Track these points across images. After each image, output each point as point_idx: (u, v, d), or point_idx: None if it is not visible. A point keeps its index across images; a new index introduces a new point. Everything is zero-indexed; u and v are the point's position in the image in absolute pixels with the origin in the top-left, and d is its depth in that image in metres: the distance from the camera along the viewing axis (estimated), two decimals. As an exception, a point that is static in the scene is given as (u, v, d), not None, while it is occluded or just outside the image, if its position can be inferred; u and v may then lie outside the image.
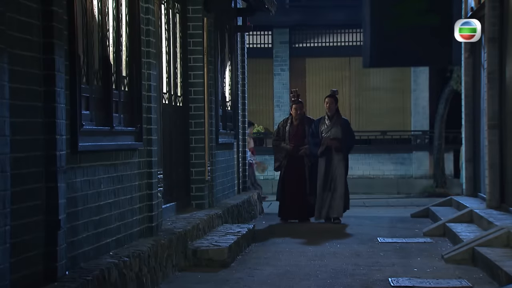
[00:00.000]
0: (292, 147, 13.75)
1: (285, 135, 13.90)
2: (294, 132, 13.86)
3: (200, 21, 11.66)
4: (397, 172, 23.37)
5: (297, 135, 13.83)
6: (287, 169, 13.82)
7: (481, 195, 13.85)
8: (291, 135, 13.86)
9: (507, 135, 12.02)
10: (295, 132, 13.86)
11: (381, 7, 15.21)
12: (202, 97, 11.70)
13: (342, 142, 13.43)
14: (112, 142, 7.49)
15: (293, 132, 13.87)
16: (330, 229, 12.78)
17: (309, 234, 12.24)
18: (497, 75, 12.37)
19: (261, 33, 24.39)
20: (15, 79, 5.45)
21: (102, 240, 7.19)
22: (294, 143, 13.77)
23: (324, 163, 13.38)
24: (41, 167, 5.90)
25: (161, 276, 8.09)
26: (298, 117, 13.93)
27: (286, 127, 13.95)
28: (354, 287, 8.07)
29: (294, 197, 13.68)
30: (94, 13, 7.22)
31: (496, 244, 9.23)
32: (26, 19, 5.70)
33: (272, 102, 24.43)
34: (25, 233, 5.63)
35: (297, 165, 13.73)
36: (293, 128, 13.90)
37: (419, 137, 23.68)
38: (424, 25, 15.03)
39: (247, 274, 8.75)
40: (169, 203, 10.44)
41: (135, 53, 8.28)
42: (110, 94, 7.52)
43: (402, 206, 18.17)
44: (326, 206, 13.39)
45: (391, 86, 24.31)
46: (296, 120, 13.92)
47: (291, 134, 13.86)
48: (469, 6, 14.86)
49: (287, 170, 13.82)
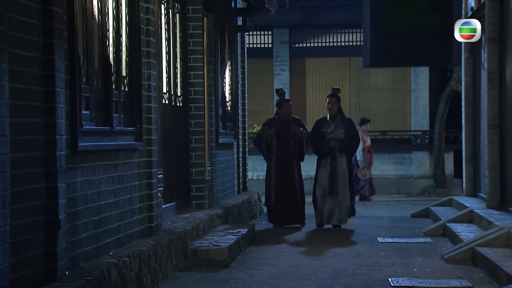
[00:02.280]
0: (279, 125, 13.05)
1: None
2: (282, 132, 13.06)
3: (200, 21, 11.66)
4: (397, 172, 23.36)
5: (285, 135, 13.04)
6: (276, 171, 13.08)
7: (481, 195, 13.85)
8: (278, 135, 13.06)
9: (507, 135, 12.02)
10: (283, 132, 13.06)
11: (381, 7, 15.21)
12: (202, 97, 11.70)
13: (346, 144, 12.73)
14: (112, 142, 7.49)
15: (281, 131, 13.07)
16: (330, 229, 12.77)
17: (309, 234, 12.24)
18: (497, 75, 12.37)
19: (261, 33, 24.39)
20: (15, 79, 5.45)
21: (102, 240, 7.19)
22: (282, 143, 13.05)
23: (328, 166, 12.70)
24: (41, 167, 5.90)
25: (161, 276, 8.08)
26: (286, 116, 13.16)
27: (272, 128, 13.12)
28: (354, 287, 8.07)
29: (285, 201, 13.01)
30: (94, 13, 7.22)
31: (496, 244, 9.23)
32: (26, 19, 5.69)
33: (272, 102, 24.39)
34: (25, 233, 5.63)
35: (287, 166, 13.05)
36: (281, 128, 13.10)
37: (419, 137, 23.68)
38: (424, 25, 15.03)
39: (247, 274, 8.75)
40: (169, 203, 10.44)
41: (135, 53, 8.28)
42: (110, 94, 7.52)
43: (402, 206, 18.16)
44: (330, 212, 12.67)
45: (391, 86, 24.31)
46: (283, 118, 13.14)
47: (278, 134, 13.06)
48: (469, 6, 14.87)
49: (276, 172, 13.08)
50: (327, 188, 12.69)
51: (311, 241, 11.51)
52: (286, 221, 13.12)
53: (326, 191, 12.71)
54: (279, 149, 13.13)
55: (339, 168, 12.68)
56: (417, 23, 15.02)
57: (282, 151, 13.12)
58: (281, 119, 13.22)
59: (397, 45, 15.18)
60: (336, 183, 12.66)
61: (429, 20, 15.02)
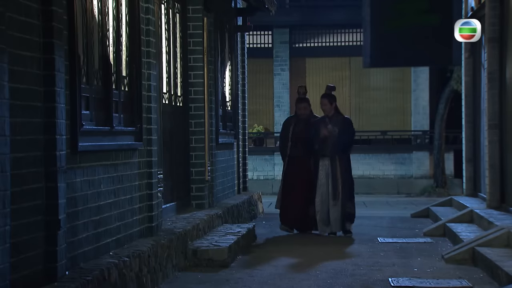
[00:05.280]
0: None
1: (288, 135, 12.43)
2: (300, 133, 12.36)
3: (200, 21, 11.66)
4: (397, 172, 23.36)
5: (302, 136, 12.30)
6: (290, 172, 12.36)
7: (481, 195, 13.85)
8: (295, 135, 12.39)
9: (507, 135, 12.02)
10: (300, 133, 12.34)
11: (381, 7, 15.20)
12: (202, 97, 11.70)
13: (340, 142, 11.98)
14: (112, 142, 7.49)
15: (298, 132, 12.37)
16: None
17: (309, 234, 12.22)
18: (497, 75, 12.37)
19: (261, 33, 24.38)
20: (15, 79, 5.45)
21: (102, 240, 7.19)
22: (300, 144, 12.32)
23: (327, 168, 12.00)
24: (41, 167, 5.90)
25: (161, 276, 8.08)
26: (305, 116, 12.45)
27: (290, 127, 12.48)
28: (354, 287, 8.07)
29: (297, 206, 12.21)
30: (94, 13, 7.22)
31: (496, 244, 9.23)
32: (26, 19, 5.69)
33: (272, 102, 24.41)
34: (25, 233, 5.63)
35: (300, 169, 12.30)
36: (298, 128, 12.42)
37: (419, 137, 23.68)
38: (424, 25, 15.02)
39: (247, 274, 8.75)
40: (169, 203, 10.44)
41: (135, 53, 8.28)
42: (110, 94, 7.52)
43: (402, 206, 18.16)
44: (331, 219, 11.91)
45: (391, 86, 24.30)
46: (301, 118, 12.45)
47: (295, 135, 12.39)
48: (469, 6, 14.87)
49: (290, 173, 12.36)
50: (332, 192, 11.94)
51: (311, 241, 11.50)
52: (296, 227, 12.38)
53: (324, 196, 12.00)
54: (293, 150, 12.38)
55: (338, 171, 11.97)
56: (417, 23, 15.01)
57: (296, 153, 12.36)
58: (300, 118, 12.50)
59: (397, 45, 15.17)
60: (336, 188, 11.96)
61: (429, 20, 15.01)
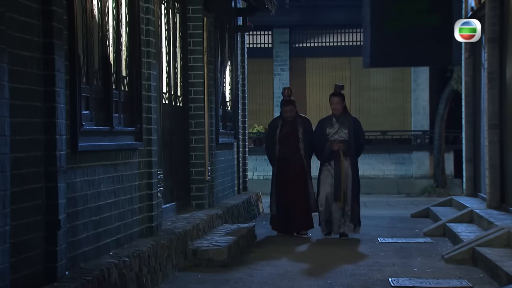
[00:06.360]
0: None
1: (275, 137, 12.07)
2: (287, 134, 12.02)
3: (200, 21, 11.66)
4: (397, 172, 23.36)
5: (290, 137, 12.00)
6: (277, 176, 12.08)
7: (481, 195, 13.85)
8: (282, 137, 12.04)
9: (507, 135, 12.02)
10: (288, 134, 12.02)
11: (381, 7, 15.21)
12: (202, 97, 11.70)
13: (350, 145, 11.66)
14: (112, 142, 7.49)
15: (285, 134, 12.03)
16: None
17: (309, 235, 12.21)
18: (497, 75, 12.37)
19: (261, 33, 24.39)
20: (15, 79, 5.45)
21: (102, 240, 7.19)
22: (286, 146, 12.00)
23: (332, 170, 11.67)
24: (41, 167, 5.90)
25: (161, 276, 8.08)
26: (291, 118, 12.05)
27: (277, 129, 12.08)
28: (354, 287, 8.07)
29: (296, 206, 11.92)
30: (94, 13, 7.22)
31: (496, 244, 9.23)
32: (26, 19, 5.69)
33: (272, 102, 24.40)
34: (25, 233, 5.63)
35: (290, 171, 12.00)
36: (285, 130, 12.05)
37: (419, 137, 23.67)
38: (424, 25, 15.03)
39: (247, 274, 8.75)
40: (169, 203, 10.44)
41: (135, 53, 8.28)
42: (110, 94, 7.52)
43: (402, 206, 18.16)
44: (336, 221, 11.64)
45: (391, 86, 24.30)
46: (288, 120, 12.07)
47: (282, 137, 12.04)
48: (469, 6, 14.87)
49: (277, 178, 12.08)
50: (334, 194, 11.61)
51: (311, 241, 11.50)
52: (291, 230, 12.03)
53: (330, 198, 11.67)
54: (282, 152, 12.07)
55: (344, 172, 11.64)
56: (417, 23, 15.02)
57: (285, 155, 12.04)
58: (286, 120, 12.14)
59: (397, 45, 15.18)
60: (341, 189, 11.60)
61: (429, 20, 15.02)
